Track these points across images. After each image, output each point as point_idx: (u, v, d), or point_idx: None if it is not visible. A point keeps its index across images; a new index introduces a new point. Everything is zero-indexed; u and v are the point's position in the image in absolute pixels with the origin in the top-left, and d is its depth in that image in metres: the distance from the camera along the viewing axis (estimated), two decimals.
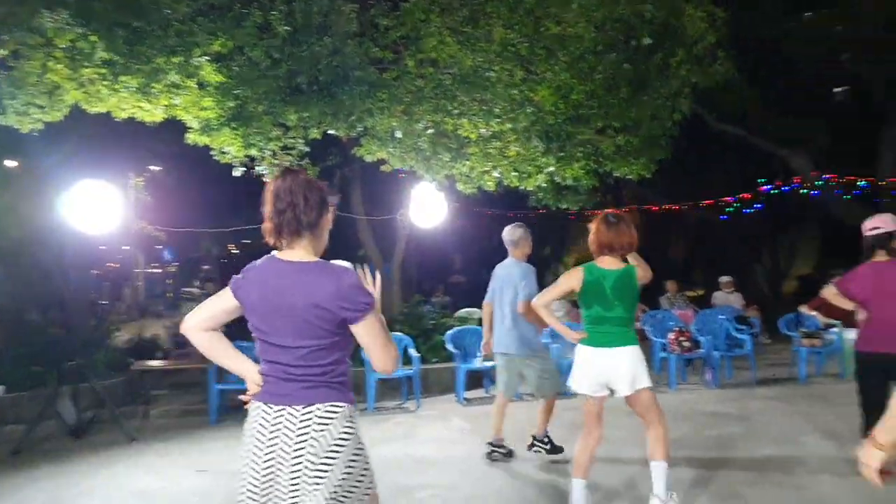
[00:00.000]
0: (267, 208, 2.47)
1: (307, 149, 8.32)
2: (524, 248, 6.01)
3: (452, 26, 7.21)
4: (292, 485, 2.32)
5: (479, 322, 7.68)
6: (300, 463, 2.32)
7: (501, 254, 6.15)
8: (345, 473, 2.36)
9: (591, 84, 7.61)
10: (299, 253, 2.46)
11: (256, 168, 7.83)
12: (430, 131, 7.77)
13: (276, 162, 7.67)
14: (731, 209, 16.41)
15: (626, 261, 4.47)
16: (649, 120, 8.49)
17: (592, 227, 4.44)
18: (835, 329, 9.20)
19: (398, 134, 7.54)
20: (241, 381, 2.53)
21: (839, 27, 14.09)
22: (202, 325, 2.51)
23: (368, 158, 8.10)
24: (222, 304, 2.51)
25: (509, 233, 6.04)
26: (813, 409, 7.55)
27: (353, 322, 2.39)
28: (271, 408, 2.41)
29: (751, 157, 16.74)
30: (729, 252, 19.30)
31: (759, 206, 16.37)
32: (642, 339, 10.85)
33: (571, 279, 4.39)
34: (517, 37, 7.25)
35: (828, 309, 9.07)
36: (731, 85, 13.73)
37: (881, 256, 4.83)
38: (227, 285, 2.51)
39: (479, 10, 7.25)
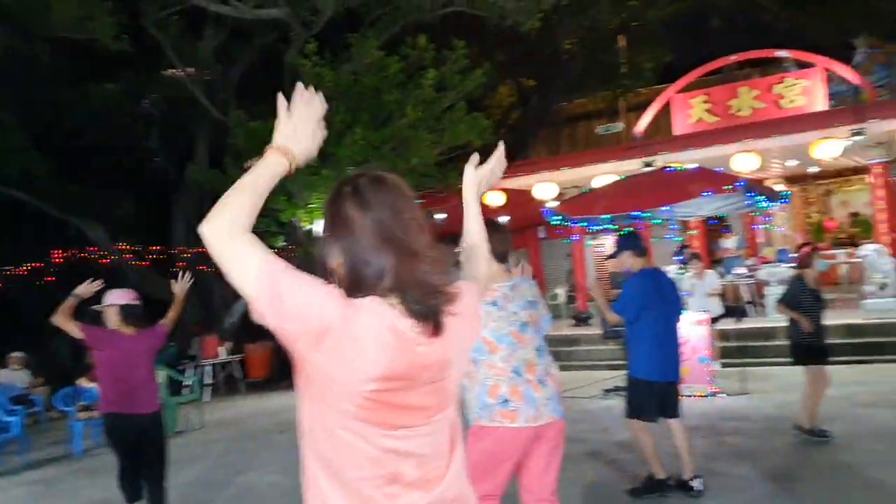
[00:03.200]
0: None
1: None
2: None
3: None
4: None
5: None
6: None
7: None
8: None
9: None
10: None
11: None
12: None
13: None
14: (21, 279, 15.38)
15: None
16: None
17: None
18: None
19: None
20: None
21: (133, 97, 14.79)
22: None
23: None
24: None
25: None
26: (81, 484, 7.41)
27: None
28: None
29: (47, 226, 16.04)
30: (28, 325, 17.97)
31: (54, 274, 15.76)
32: None
33: None
34: None
35: None
36: (16, 148, 12.97)
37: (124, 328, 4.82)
38: None
39: None
